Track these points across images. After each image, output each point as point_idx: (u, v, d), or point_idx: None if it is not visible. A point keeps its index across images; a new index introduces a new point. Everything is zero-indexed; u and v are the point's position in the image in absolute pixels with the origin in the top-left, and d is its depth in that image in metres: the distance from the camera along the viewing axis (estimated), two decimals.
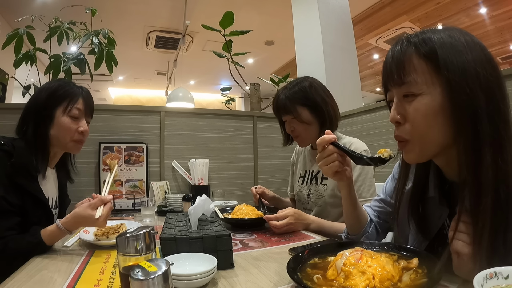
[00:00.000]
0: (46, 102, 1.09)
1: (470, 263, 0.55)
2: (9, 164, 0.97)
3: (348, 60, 2.99)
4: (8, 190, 0.95)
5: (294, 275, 0.59)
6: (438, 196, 0.72)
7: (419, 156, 0.66)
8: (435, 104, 0.59)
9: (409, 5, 4.30)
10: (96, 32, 1.99)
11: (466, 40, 0.60)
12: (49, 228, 0.89)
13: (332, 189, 1.33)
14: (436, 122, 0.60)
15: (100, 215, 0.90)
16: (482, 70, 0.57)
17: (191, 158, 2.03)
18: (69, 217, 0.90)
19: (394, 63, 0.63)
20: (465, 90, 0.56)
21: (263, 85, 2.74)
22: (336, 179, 0.85)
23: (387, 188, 0.95)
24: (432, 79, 0.59)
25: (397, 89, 0.64)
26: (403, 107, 0.63)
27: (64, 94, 1.12)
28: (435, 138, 0.61)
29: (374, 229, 0.94)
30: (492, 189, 0.55)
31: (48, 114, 1.09)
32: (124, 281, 0.54)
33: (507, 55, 5.92)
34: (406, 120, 0.63)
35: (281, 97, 1.35)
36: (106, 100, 8.08)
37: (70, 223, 0.89)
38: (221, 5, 3.66)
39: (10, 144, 1.01)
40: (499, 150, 0.56)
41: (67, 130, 1.11)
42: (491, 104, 0.57)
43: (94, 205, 0.91)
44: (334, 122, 1.33)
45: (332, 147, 0.80)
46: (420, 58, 0.60)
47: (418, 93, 0.60)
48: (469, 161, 0.57)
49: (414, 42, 0.62)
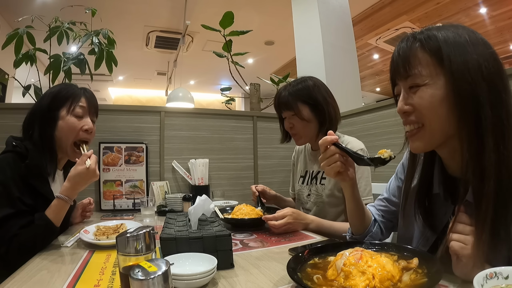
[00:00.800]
0: (49, 104, 1.12)
1: (469, 264, 0.56)
2: (23, 166, 1.00)
3: (348, 60, 2.99)
4: (22, 191, 0.97)
5: (294, 275, 0.59)
6: (442, 193, 0.73)
7: (427, 144, 0.67)
8: (439, 93, 0.61)
9: (409, 5, 4.31)
10: (96, 32, 1.99)
11: (470, 36, 0.62)
12: (51, 205, 0.92)
13: (330, 189, 1.33)
14: (441, 111, 0.62)
15: (90, 163, 0.97)
16: (484, 62, 0.59)
17: (191, 158, 2.03)
18: (65, 184, 0.93)
19: (400, 58, 0.66)
20: (468, 79, 0.58)
21: (263, 85, 2.74)
22: (339, 179, 0.85)
23: (390, 187, 0.96)
24: (436, 70, 0.62)
25: (403, 82, 0.66)
26: (410, 97, 0.65)
27: (67, 95, 1.14)
28: (441, 126, 0.63)
29: (378, 229, 0.95)
30: (494, 173, 0.56)
31: (53, 116, 1.11)
32: (124, 281, 0.54)
33: (507, 55, 5.91)
34: (413, 109, 0.65)
35: (283, 94, 1.36)
36: (106, 100, 8.07)
37: (68, 189, 0.92)
38: (221, 5, 3.66)
39: (22, 146, 1.04)
40: (501, 137, 0.58)
41: (71, 129, 1.13)
42: (493, 94, 0.58)
43: (81, 161, 0.98)
44: (334, 122, 1.34)
45: (334, 148, 0.81)
46: (424, 52, 0.63)
47: (423, 83, 0.63)
48: (473, 147, 0.59)
49: (419, 39, 0.64)
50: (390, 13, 4.51)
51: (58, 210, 0.92)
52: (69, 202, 0.93)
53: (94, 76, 2.05)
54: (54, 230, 0.93)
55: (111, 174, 1.84)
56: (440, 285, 0.57)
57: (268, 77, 2.64)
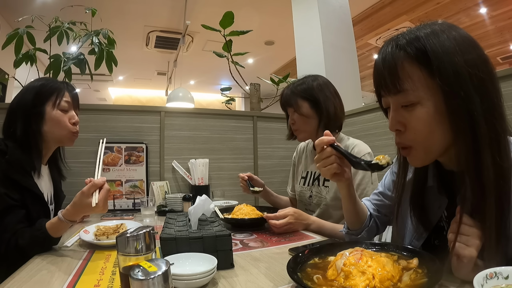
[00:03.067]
0: (34, 100, 1.10)
1: (470, 265, 0.56)
2: (3, 161, 0.98)
3: (348, 60, 2.99)
4: (7, 186, 0.96)
5: (294, 275, 0.59)
6: (437, 185, 0.73)
7: (425, 160, 0.66)
8: (434, 110, 0.59)
9: (409, 5, 4.30)
10: (96, 32, 1.99)
11: (455, 37, 0.59)
12: (52, 221, 0.90)
13: (334, 191, 1.33)
14: (438, 127, 0.60)
15: (96, 202, 0.85)
16: (474, 69, 0.57)
17: (191, 158, 2.02)
18: (69, 208, 0.90)
19: (386, 70, 0.62)
20: (460, 94, 0.56)
21: (263, 85, 2.73)
22: (335, 180, 0.85)
23: (386, 181, 0.96)
24: (427, 85, 0.59)
25: (393, 97, 0.63)
26: (402, 115, 0.63)
27: (50, 90, 1.13)
28: (439, 141, 0.62)
29: (374, 223, 0.95)
30: (494, 188, 0.56)
31: (38, 112, 1.10)
32: (124, 281, 0.54)
33: (507, 55, 5.91)
34: (406, 128, 0.63)
35: (285, 92, 1.40)
36: (106, 100, 8.07)
37: (70, 213, 0.89)
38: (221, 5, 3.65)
39: (2, 143, 1.02)
40: (497, 148, 0.57)
41: (60, 123, 1.13)
42: (486, 103, 0.57)
43: (88, 192, 0.86)
44: (335, 121, 1.34)
45: (330, 149, 0.79)
46: (412, 63, 0.59)
47: (417, 101, 0.60)
48: (470, 164, 0.58)
49: (403, 46, 0.60)
50: (390, 13, 4.50)
51: (59, 229, 0.90)
52: (70, 224, 0.91)
53: (94, 76, 2.05)
54: (53, 242, 0.92)
55: (111, 174, 1.84)
56: (440, 285, 0.57)
57: (268, 77, 2.64)
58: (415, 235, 0.77)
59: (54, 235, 0.90)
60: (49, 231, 0.89)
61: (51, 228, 0.89)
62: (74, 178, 1.84)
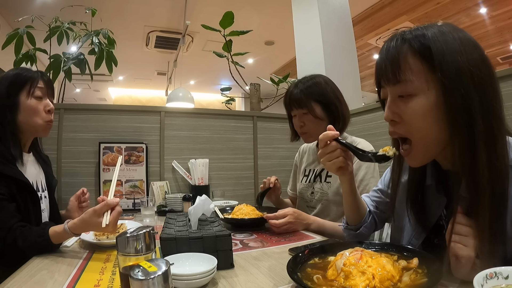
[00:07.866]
0: (8, 90, 1.09)
1: (468, 265, 0.56)
2: None
3: (348, 60, 2.99)
4: None
5: (294, 275, 0.59)
6: (435, 184, 0.73)
7: (423, 159, 0.66)
8: (432, 104, 0.60)
9: (409, 5, 4.30)
10: (96, 32, 1.99)
11: (460, 37, 0.60)
12: (57, 230, 0.89)
13: (336, 187, 1.33)
14: (435, 123, 0.60)
15: (107, 222, 0.84)
16: (476, 69, 0.57)
17: (191, 158, 2.02)
18: (77, 222, 0.88)
19: (388, 60, 0.63)
20: (460, 91, 0.57)
21: (263, 85, 2.74)
22: (339, 174, 0.86)
23: (385, 179, 0.97)
24: (427, 78, 0.60)
25: (391, 87, 0.64)
26: (398, 106, 0.63)
27: (24, 79, 1.12)
28: (436, 138, 0.62)
29: (373, 220, 0.96)
30: (489, 188, 0.56)
31: (13, 102, 1.09)
32: (124, 281, 0.54)
33: (507, 55, 5.91)
34: (402, 119, 0.64)
35: (295, 92, 1.34)
36: (106, 100, 8.07)
37: (77, 228, 0.88)
38: (221, 5, 3.65)
39: None
40: (493, 147, 0.57)
41: (35, 111, 1.11)
42: (485, 103, 0.57)
43: (100, 211, 0.85)
44: (346, 121, 1.34)
45: (335, 143, 0.80)
46: (415, 56, 0.60)
47: (414, 93, 0.61)
48: (465, 161, 0.58)
49: (408, 40, 0.61)
50: (390, 13, 4.50)
51: (62, 238, 0.90)
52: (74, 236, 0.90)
53: (94, 76, 2.05)
54: (54, 248, 0.91)
55: (111, 174, 1.84)
56: (440, 285, 0.57)
57: (268, 77, 2.64)
58: (414, 233, 0.77)
59: (56, 243, 0.89)
60: (51, 239, 0.88)
61: (54, 236, 0.88)
62: (74, 178, 1.84)
